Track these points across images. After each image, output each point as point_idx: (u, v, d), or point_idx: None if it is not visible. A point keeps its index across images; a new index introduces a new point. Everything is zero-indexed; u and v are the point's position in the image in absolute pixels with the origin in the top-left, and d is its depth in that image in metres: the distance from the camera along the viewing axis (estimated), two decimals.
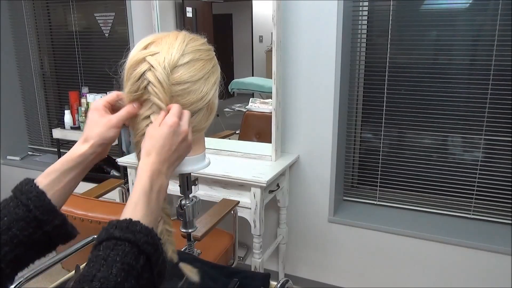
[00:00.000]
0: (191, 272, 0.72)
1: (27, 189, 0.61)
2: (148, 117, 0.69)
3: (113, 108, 0.73)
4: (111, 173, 2.61)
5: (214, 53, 0.77)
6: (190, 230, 0.95)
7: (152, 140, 0.65)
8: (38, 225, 0.59)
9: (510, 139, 1.93)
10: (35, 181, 0.62)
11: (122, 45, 2.70)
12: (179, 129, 0.67)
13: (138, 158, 0.69)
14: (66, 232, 0.63)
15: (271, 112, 2.05)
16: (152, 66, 0.67)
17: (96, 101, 0.72)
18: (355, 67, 2.15)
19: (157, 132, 0.66)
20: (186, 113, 0.69)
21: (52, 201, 0.61)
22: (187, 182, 0.91)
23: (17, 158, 3.17)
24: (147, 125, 0.69)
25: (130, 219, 0.56)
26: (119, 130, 0.70)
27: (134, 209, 0.58)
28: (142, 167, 0.63)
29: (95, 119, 0.69)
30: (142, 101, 0.70)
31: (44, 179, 0.63)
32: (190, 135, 0.69)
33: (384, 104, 2.10)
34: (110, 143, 0.70)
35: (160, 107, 0.68)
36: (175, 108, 0.68)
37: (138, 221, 0.56)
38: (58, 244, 0.63)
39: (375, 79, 2.12)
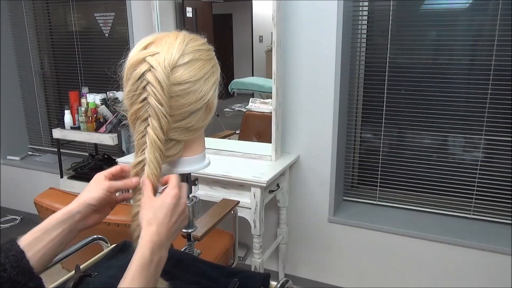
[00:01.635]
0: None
1: (7, 247, 0.60)
2: (146, 119, 0.69)
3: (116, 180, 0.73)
4: None
5: (214, 53, 0.77)
6: (190, 230, 0.95)
7: (153, 211, 0.65)
8: (11, 287, 0.57)
9: (510, 139, 1.92)
10: (19, 238, 0.62)
11: (122, 45, 2.70)
12: (180, 201, 0.68)
13: (135, 234, 0.67)
14: None
15: (271, 112, 2.05)
16: (152, 67, 0.67)
17: (99, 172, 0.73)
18: (355, 67, 2.15)
19: (157, 203, 0.65)
20: (184, 186, 0.70)
21: (31, 262, 0.60)
22: (187, 182, 0.91)
23: (17, 158, 3.17)
24: (146, 127, 0.69)
25: None
26: (108, 194, 0.70)
27: (132, 280, 0.58)
28: (143, 237, 0.62)
29: (91, 184, 0.70)
30: (141, 106, 0.69)
31: (28, 237, 0.63)
32: (186, 207, 0.70)
33: (384, 104, 2.10)
34: (99, 206, 0.69)
35: (156, 109, 0.68)
36: (175, 179, 0.69)
37: None
38: None
39: (375, 79, 2.12)
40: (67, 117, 2.53)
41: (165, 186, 0.71)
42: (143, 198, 0.67)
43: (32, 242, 0.63)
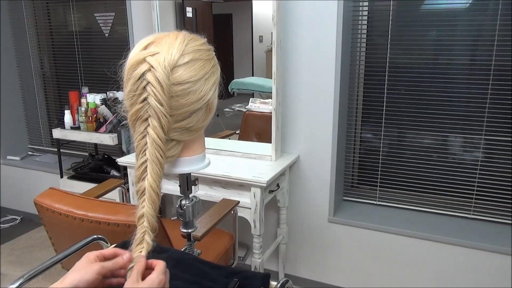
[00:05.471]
0: None
1: None
2: (146, 119, 0.69)
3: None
4: (111, 173, 2.61)
5: (214, 53, 0.77)
6: (190, 230, 0.96)
7: None
8: None
9: (510, 139, 1.92)
10: None
11: (122, 45, 2.70)
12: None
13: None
14: None
15: (271, 112, 2.05)
16: (152, 67, 0.67)
17: (90, 252, 0.70)
18: (355, 67, 2.15)
19: None
20: (168, 271, 0.68)
21: None
22: (187, 182, 0.91)
23: (17, 158, 3.17)
24: (146, 128, 0.69)
25: None
26: (99, 278, 0.66)
27: None
28: None
29: (81, 264, 0.67)
30: (141, 106, 0.69)
31: None
32: None
33: (384, 104, 2.10)
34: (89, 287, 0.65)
35: (156, 110, 0.67)
36: (162, 265, 0.67)
37: None
38: None
39: (375, 79, 2.12)
40: (67, 117, 2.53)
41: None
42: (128, 279, 0.64)
43: None
